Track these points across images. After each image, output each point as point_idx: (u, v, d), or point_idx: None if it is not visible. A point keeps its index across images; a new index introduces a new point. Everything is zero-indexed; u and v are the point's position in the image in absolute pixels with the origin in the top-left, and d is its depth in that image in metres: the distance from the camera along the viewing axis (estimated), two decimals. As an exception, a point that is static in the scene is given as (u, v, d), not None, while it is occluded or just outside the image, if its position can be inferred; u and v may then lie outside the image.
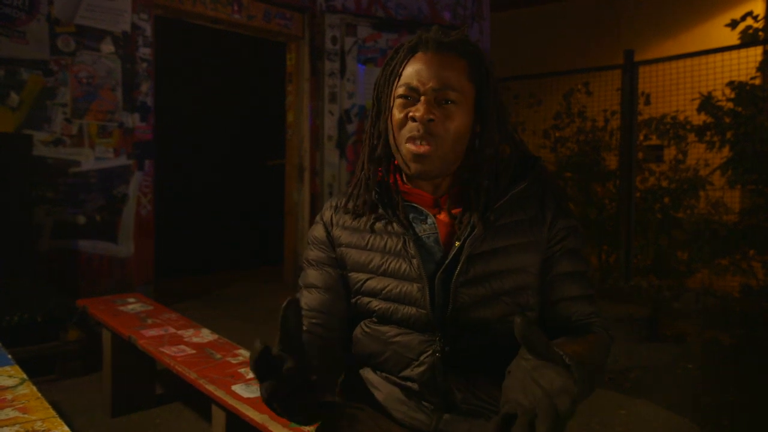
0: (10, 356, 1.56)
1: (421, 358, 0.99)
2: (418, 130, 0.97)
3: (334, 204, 1.13)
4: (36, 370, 2.04)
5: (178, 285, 4.79)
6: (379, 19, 5.02)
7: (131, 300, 2.79)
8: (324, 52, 4.84)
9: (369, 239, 1.05)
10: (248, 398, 1.60)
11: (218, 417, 1.71)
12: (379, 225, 1.05)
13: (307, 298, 1.08)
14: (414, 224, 1.04)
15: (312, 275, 1.10)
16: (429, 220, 1.03)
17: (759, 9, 5.61)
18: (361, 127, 4.96)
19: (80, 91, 3.65)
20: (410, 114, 0.99)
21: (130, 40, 3.85)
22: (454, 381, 0.99)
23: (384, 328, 1.03)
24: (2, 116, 3.36)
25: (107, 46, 3.76)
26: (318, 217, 1.14)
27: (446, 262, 0.99)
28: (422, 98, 0.98)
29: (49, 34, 3.52)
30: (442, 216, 1.04)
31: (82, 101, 3.66)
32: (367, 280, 1.04)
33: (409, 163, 1.00)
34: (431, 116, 0.97)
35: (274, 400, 0.77)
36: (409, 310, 1.00)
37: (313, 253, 1.12)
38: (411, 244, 1.00)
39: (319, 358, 0.92)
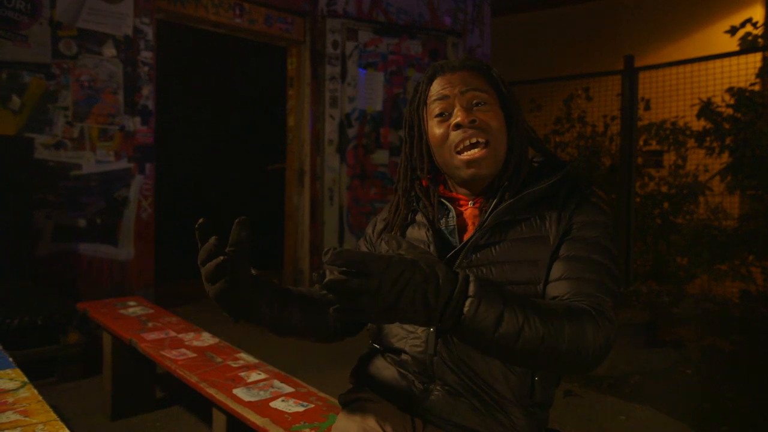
0: (11, 359, 1.56)
1: (419, 331, 1.06)
2: (466, 132, 1.04)
3: (376, 220, 1.29)
4: (36, 373, 2.04)
5: (179, 288, 4.79)
6: (381, 24, 5.04)
7: (132, 303, 2.79)
8: (325, 56, 4.85)
9: (400, 230, 1.16)
10: (249, 402, 1.60)
11: (219, 420, 1.72)
12: (410, 217, 1.16)
13: None
14: (441, 219, 1.12)
15: None
16: (450, 214, 1.11)
17: (758, 16, 5.64)
18: (362, 131, 4.97)
19: (82, 95, 3.66)
20: (452, 123, 1.05)
21: (131, 44, 3.86)
22: (447, 356, 1.03)
23: None
24: (4, 119, 3.37)
25: (109, 50, 3.77)
26: (366, 232, 1.29)
27: (454, 250, 1.05)
28: (457, 108, 1.06)
29: (51, 37, 3.53)
30: (469, 213, 1.11)
31: (84, 104, 3.67)
32: None
33: (464, 171, 1.05)
34: (472, 117, 1.04)
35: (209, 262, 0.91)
36: None
37: (361, 244, 1.27)
38: (430, 233, 1.09)
39: (311, 306, 1.10)
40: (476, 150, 1.03)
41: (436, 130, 1.08)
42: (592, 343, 0.85)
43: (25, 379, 1.41)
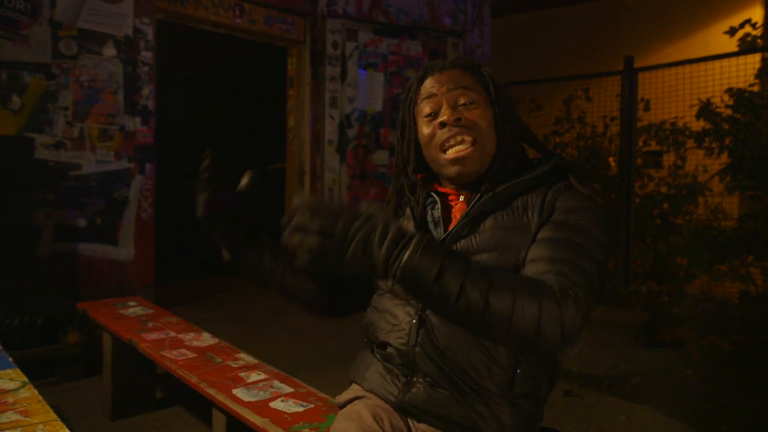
0: (11, 359, 1.56)
1: (403, 324, 1.08)
2: (451, 131, 1.05)
3: None
4: (36, 373, 2.04)
5: (179, 288, 4.79)
6: (381, 25, 5.04)
7: (132, 303, 2.79)
8: (325, 56, 4.86)
9: None
10: (249, 402, 1.61)
11: (219, 421, 1.72)
12: (400, 213, 1.20)
13: None
14: (429, 210, 1.14)
15: None
16: (436, 206, 1.13)
17: (757, 17, 5.64)
18: (362, 131, 4.97)
19: (82, 95, 3.66)
20: (437, 122, 1.07)
21: (131, 44, 3.87)
22: (429, 347, 1.04)
23: (383, 299, 1.14)
24: (4, 119, 3.37)
25: (109, 50, 3.77)
26: None
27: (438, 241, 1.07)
28: (443, 106, 1.07)
29: (51, 37, 3.53)
30: (458, 206, 1.12)
31: (84, 105, 3.67)
32: None
33: (449, 168, 1.07)
34: (458, 116, 1.05)
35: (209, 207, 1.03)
36: None
37: None
38: (414, 225, 1.11)
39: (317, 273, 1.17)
40: (461, 147, 1.05)
41: (424, 129, 1.10)
42: (548, 320, 0.82)
43: (25, 379, 1.42)
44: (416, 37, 5.15)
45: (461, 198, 1.12)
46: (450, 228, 1.09)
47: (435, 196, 1.13)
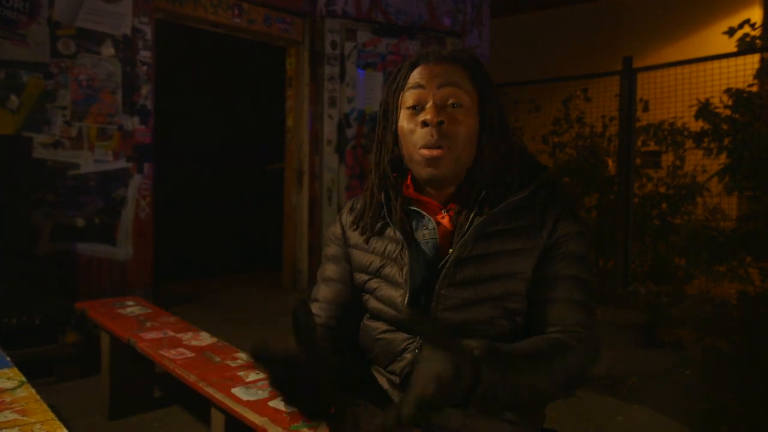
0: (8, 359, 1.56)
1: (404, 354, 1.04)
2: (432, 135, 0.99)
3: (350, 206, 1.20)
4: (34, 373, 2.03)
5: (177, 288, 4.79)
6: (380, 25, 5.04)
7: (130, 303, 2.79)
8: (324, 56, 4.85)
9: (372, 242, 1.11)
10: (248, 401, 1.60)
11: (217, 420, 1.71)
12: (385, 229, 1.10)
13: (325, 292, 1.16)
14: (417, 229, 1.06)
15: (330, 269, 1.17)
16: (430, 226, 1.05)
17: (756, 17, 5.64)
18: (361, 131, 4.97)
19: (80, 94, 3.66)
20: (420, 119, 1.01)
21: (130, 44, 3.86)
22: None
23: (375, 324, 1.10)
24: (2, 118, 3.37)
25: (107, 49, 3.77)
26: (337, 217, 1.21)
27: (439, 266, 1.02)
28: (429, 103, 1.01)
29: (49, 36, 3.53)
30: (446, 222, 1.06)
31: (82, 104, 3.67)
32: (368, 280, 1.10)
33: (423, 169, 1.02)
34: (441, 118, 0.99)
35: (282, 391, 0.85)
36: (394, 312, 1.05)
37: (331, 249, 1.19)
38: (405, 252, 1.03)
39: (332, 350, 1.03)
40: (436, 151, 0.99)
41: (405, 123, 1.04)
42: (582, 372, 0.97)
43: (23, 379, 1.41)
44: (415, 37, 5.15)
45: (444, 211, 1.06)
46: (445, 252, 1.03)
47: (421, 210, 1.06)
